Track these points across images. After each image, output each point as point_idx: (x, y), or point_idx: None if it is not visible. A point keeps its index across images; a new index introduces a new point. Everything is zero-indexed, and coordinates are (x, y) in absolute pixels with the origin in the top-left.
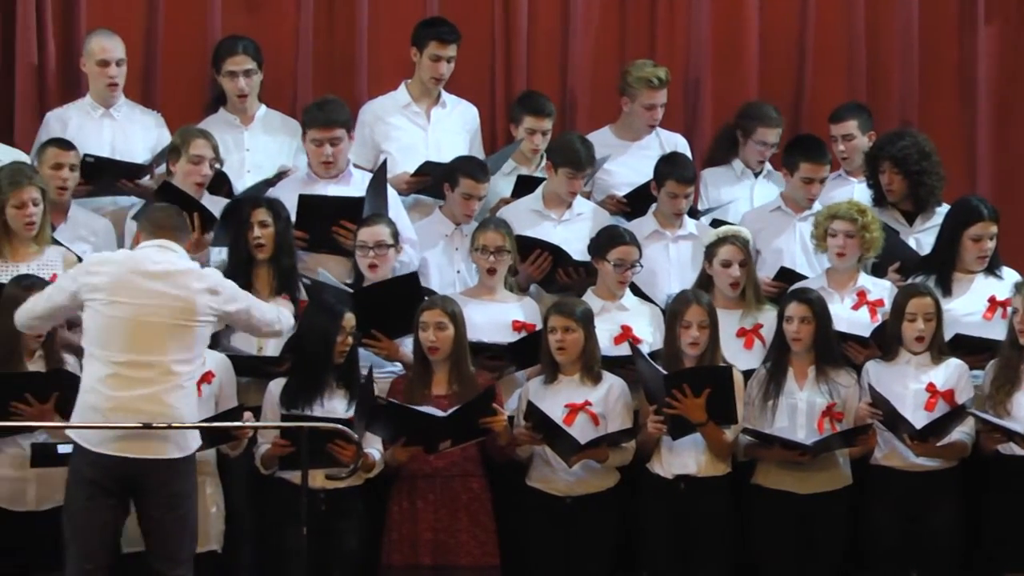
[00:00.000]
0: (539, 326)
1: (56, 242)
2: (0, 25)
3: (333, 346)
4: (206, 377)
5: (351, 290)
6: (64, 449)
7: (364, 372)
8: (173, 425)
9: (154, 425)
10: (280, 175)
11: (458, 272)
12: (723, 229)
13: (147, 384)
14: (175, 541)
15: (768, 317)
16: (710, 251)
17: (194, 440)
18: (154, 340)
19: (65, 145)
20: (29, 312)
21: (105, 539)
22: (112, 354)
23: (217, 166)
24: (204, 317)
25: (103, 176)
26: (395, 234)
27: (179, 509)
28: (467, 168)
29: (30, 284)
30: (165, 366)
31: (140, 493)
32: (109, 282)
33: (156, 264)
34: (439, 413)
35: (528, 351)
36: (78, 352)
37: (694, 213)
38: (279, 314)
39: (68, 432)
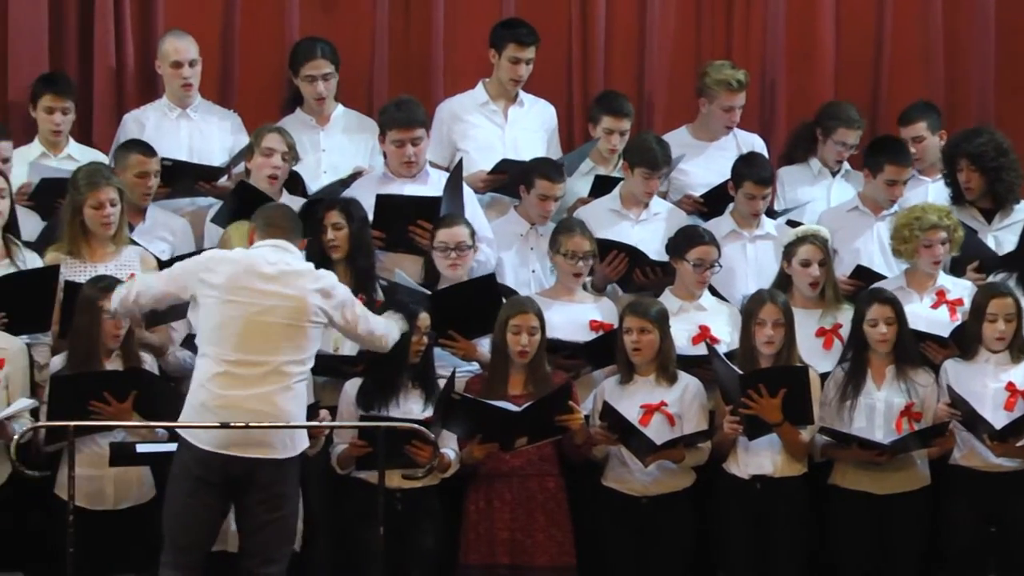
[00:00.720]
0: (616, 326)
1: (134, 242)
2: (79, 27)
3: (408, 346)
4: None
5: (428, 291)
6: (143, 448)
7: (441, 372)
8: (252, 425)
9: (232, 425)
10: (355, 175)
11: (533, 272)
12: (802, 228)
13: (257, 384)
14: (273, 541)
15: (847, 317)
16: (789, 250)
17: (302, 441)
18: (266, 340)
19: (148, 152)
20: (138, 296)
21: (202, 536)
22: (224, 352)
23: (292, 162)
24: (315, 318)
25: (180, 178)
26: (473, 234)
27: (281, 510)
28: (543, 169)
29: (107, 285)
30: (276, 366)
31: (244, 492)
32: (225, 281)
33: (271, 265)
34: (514, 408)
35: (604, 351)
36: (156, 352)
37: (771, 213)
38: (387, 328)
39: (180, 431)
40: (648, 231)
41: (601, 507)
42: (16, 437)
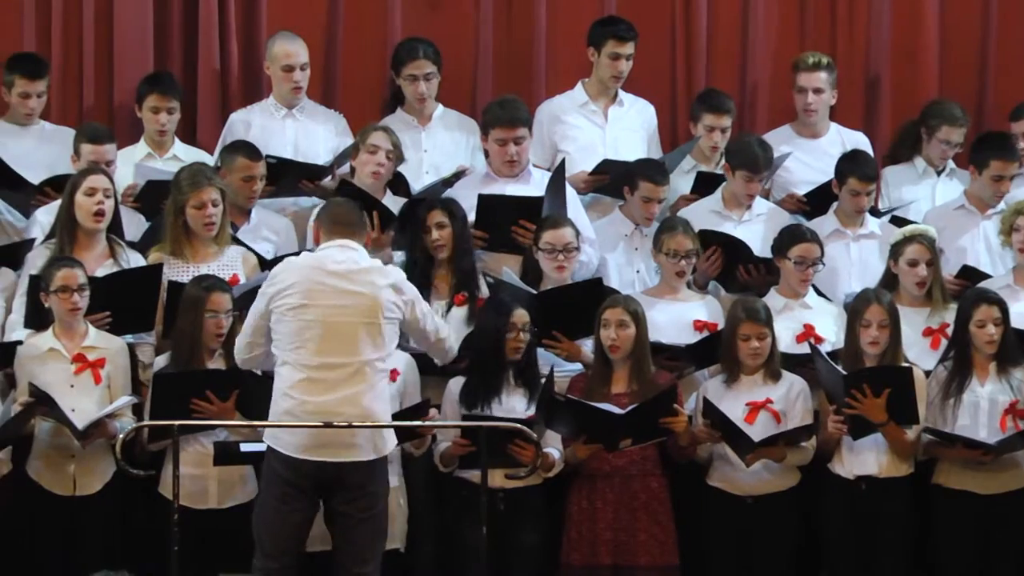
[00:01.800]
0: (721, 325)
1: (237, 242)
2: (183, 28)
3: (504, 342)
4: (391, 375)
5: (533, 291)
6: (247, 447)
7: (545, 372)
8: (353, 424)
9: (335, 424)
10: (457, 175)
11: (637, 272)
12: (910, 228)
13: (341, 386)
14: (367, 540)
15: (955, 316)
16: (896, 250)
17: (390, 441)
18: (345, 341)
19: (255, 155)
20: (241, 346)
21: (293, 540)
22: (304, 358)
23: (397, 158)
24: (390, 314)
25: (285, 177)
26: (578, 235)
27: (373, 510)
28: (647, 172)
29: (210, 285)
30: (358, 366)
31: (334, 494)
32: (295, 288)
33: (339, 264)
34: (617, 410)
35: (708, 351)
36: None
37: (875, 212)
38: (450, 333)
39: (266, 434)
40: (750, 232)
41: (705, 507)
42: (121, 436)
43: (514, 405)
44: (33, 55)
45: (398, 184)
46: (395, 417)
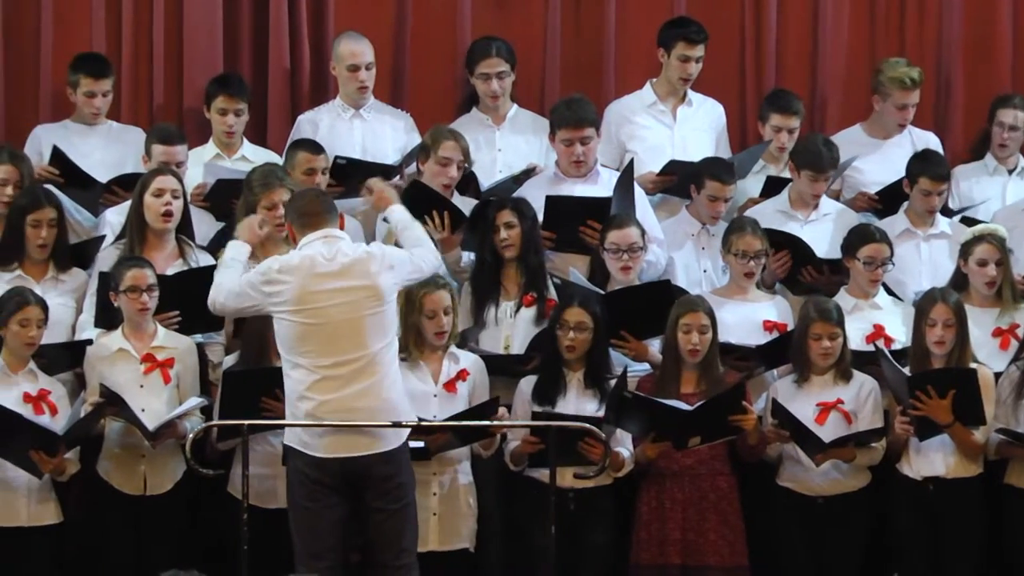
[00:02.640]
0: (790, 326)
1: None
2: (253, 29)
3: (558, 340)
4: (461, 375)
5: (600, 291)
6: None
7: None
8: (425, 424)
9: (405, 423)
10: (527, 172)
11: (704, 271)
12: (979, 227)
13: (356, 380)
14: (401, 531)
15: None
16: (966, 249)
17: (406, 430)
18: (354, 336)
19: (315, 149)
20: (223, 304)
21: (331, 537)
22: (316, 360)
23: (466, 167)
24: (391, 296)
25: (354, 177)
26: (644, 235)
27: (404, 499)
28: (713, 170)
29: None
30: (370, 358)
31: (364, 488)
32: (293, 294)
33: (330, 262)
34: (685, 406)
35: (779, 352)
36: None
37: (946, 211)
38: (428, 251)
39: (285, 440)
40: (817, 232)
41: (775, 507)
42: (190, 436)
43: (585, 405)
44: (97, 55)
45: (467, 183)
46: (463, 417)
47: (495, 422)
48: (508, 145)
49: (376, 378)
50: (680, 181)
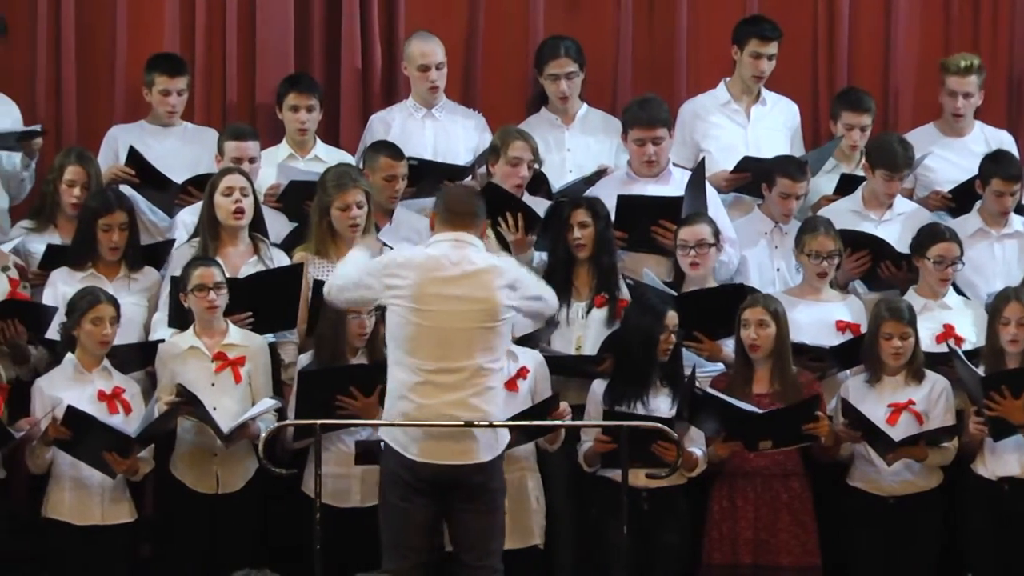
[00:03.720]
0: (864, 326)
1: (381, 242)
2: (325, 29)
3: (656, 344)
4: (521, 373)
5: (674, 292)
6: None
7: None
8: (494, 423)
9: (476, 424)
10: (599, 173)
11: (777, 270)
12: None
13: (457, 389)
14: (488, 535)
15: None
16: None
17: (504, 439)
18: (462, 346)
19: (397, 155)
20: (340, 286)
21: (422, 538)
22: (421, 362)
23: (536, 167)
24: (506, 315)
25: (426, 178)
26: (716, 233)
27: (493, 508)
28: (785, 168)
29: None
30: (473, 370)
31: (454, 495)
32: (412, 290)
33: (454, 266)
34: (757, 410)
35: (853, 352)
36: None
37: (1021, 209)
38: (550, 295)
39: (381, 434)
40: (890, 232)
41: (847, 507)
42: (263, 435)
43: (659, 405)
44: (172, 54)
45: (538, 184)
46: (524, 415)
47: (565, 421)
48: (578, 145)
49: (476, 391)
50: (753, 179)
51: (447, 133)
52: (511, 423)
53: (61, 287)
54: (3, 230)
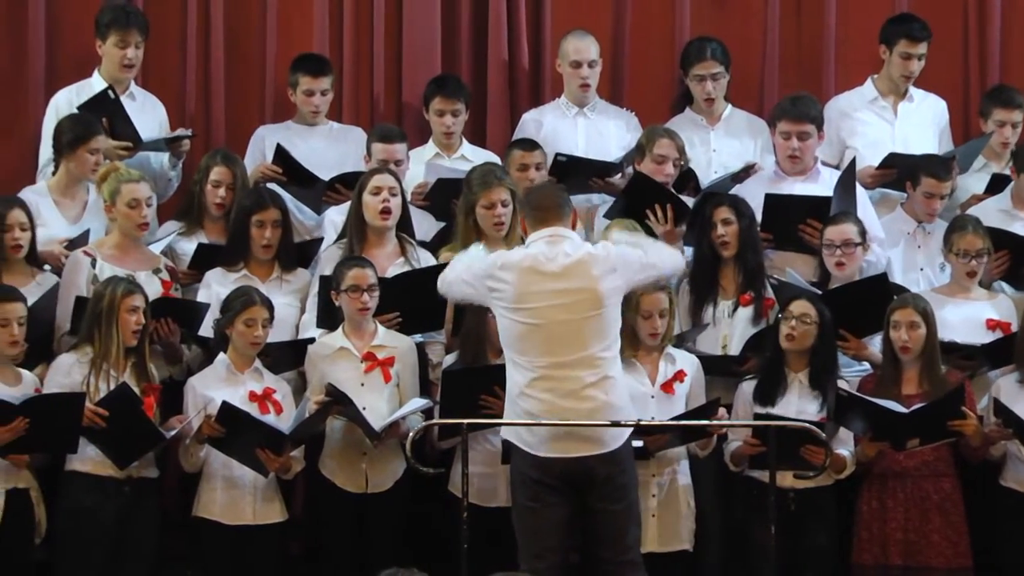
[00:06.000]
0: (1014, 324)
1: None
2: (472, 29)
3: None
4: (678, 376)
5: (818, 291)
6: None
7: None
8: (645, 424)
9: (624, 423)
10: (745, 170)
11: (921, 270)
12: None
13: (576, 381)
14: (624, 529)
15: None
16: None
17: (627, 430)
18: (572, 338)
19: (529, 146)
20: (448, 287)
21: (555, 537)
22: (534, 360)
23: (682, 164)
24: (611, 299)
25: (575, 175)
26: (862, 232)
27: (626, 498)
28: (931, 167)
29: None
30: (588, 359)
31: (585, 489)
32: (512, 291)
33: (551, 262)
34: (902, 409)
35: (1003, 351)
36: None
37: None
38: (666, 255)
39: (504, 435)
40: None
41: (999, 508)
42: (411, 435)
43: (806, 407)
44: (316, 55)
45: (687, 179)
46: (683, 417)
47: (715, 422)
48: (723, 146)
49: (595, 379)
50: (899, 176)
51: (599, 132)
52: (669, 424)
53: (215, 287)
54: (152, 230)
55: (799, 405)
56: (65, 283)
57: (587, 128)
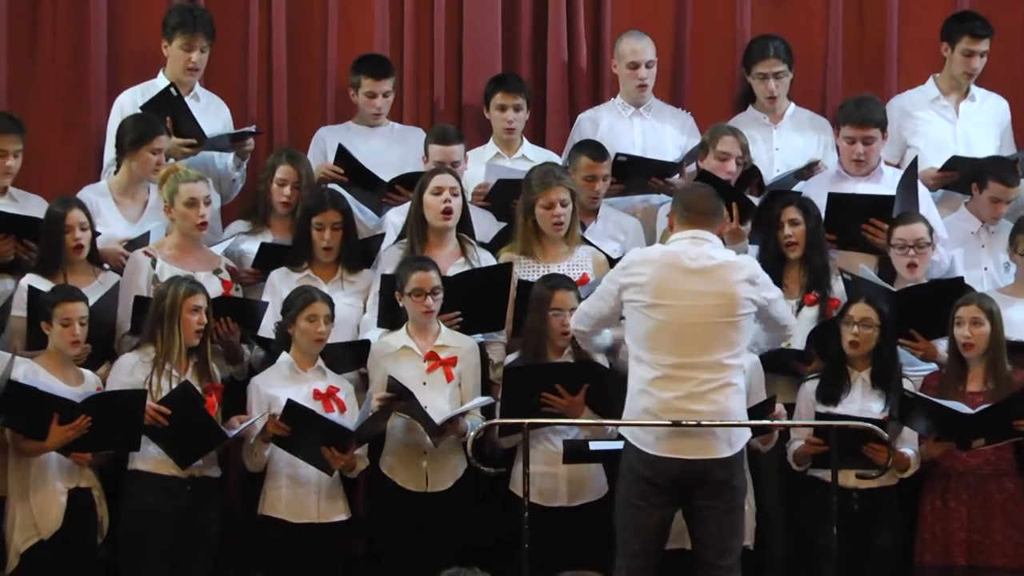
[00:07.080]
0: None
1: (586, 242)
2: (532, 28)
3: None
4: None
5: (891, 288)
6: (596, 446)
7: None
8: (703, 423)
9: (684, 423)
10: (809, 167)
11: (985, 269)
12: None
13: (697, 384)
14: (728, 532)
15: None
16: None
17: (744, 437)
18: (700, 341)
19: (600, 155)
20: (582, 318)
21: (655, 538)
22: (660, 357)
23: (745, 162)
24: (745, 310)
25: (634, 175)
26: (931, 232)
27: (734, 502)
28: (998, 171)
29: (555, 283)
30: (713, 365)
31: (695, 491)
32: (649, 284)
33: (693, 261)
34: (967, 409)
35: None
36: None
37: None
38: (791, 316)
39: (622, 431)
40: None
41: None
42: (471, 434)
43: (870, 405)
44: (378, 56)
45: (751, 177)
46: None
47: (777, 421)
48: (786, 144)
49: (718, 386)
50: (962, 178)
51: (655, 132)
52: (724, 424)
53: (278, 287)
54: (215, 231)
55: (862, 404)
56: (125, 283)
57: (643, 128)
